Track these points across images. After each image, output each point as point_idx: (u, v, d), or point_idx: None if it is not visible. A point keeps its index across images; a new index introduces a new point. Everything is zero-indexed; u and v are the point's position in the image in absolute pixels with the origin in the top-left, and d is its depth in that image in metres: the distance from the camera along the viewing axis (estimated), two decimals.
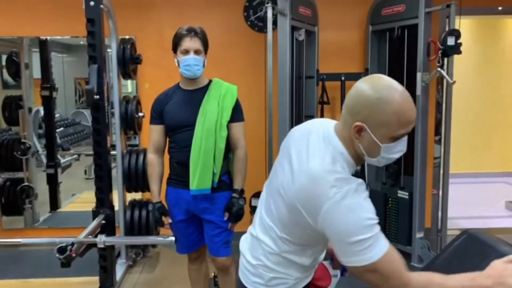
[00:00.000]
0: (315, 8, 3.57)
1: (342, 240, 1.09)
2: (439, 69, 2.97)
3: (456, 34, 2.92)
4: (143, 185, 3.30)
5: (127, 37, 3.47)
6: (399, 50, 3.44)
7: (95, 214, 2.79)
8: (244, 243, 1.39)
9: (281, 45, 3.12)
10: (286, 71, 3.16)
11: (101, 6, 2.68)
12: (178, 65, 2.23)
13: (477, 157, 6.55)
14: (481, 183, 6.32)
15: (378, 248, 1.08)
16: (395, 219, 3.51)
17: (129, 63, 3.23)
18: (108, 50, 3.24)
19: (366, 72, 3.68)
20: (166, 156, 2.39)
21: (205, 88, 2.28)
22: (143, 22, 3.81)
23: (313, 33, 3.58)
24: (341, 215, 1.08)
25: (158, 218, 2.30)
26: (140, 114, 3.35)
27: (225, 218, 2.25)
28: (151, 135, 2.35)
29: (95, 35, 2.65)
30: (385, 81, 1.14)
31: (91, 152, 5.40)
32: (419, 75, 3.17)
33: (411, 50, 3.32)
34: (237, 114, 2.27)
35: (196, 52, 2.19)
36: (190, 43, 2.18)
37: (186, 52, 2.19)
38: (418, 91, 3.19)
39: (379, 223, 1.10)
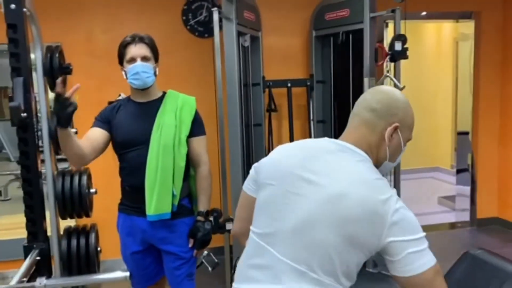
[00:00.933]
0: (258, 12, 3.44)
1: (409, 243, 1.06)
2: (387, 74, 2.98)
3: (403, 39, 2.95)
4: (80, 210, 2.94)
5: (52, 44, 3.08)
6: (344, 55, 3.42)
7: (27, 250, 2.39)
8: None
9: (228, 51, 2.95)
10: (235, 79, 3.00)
11: (24, 9, 2.32)
12: (126, 77, 1.97)
13: (404, 155, 6.86)
14: (410, 179, 6.61)
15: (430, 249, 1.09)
16: None
17: (57, 73, 2.85)
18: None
19: (311, 78, 3.62)
20: (117, 179, 2.11)
21: (159, 100, 2.04)
22: (69, 27, 3.42)
23: (257, 38, 3.45)
24: (406, 217, 1.07)
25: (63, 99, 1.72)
26: (72, 130, 2.97)
27: (190, 245, 2.02)
28: (88, 134, 2.00)
29: (18, 43, 2.28)
30: (396, 89, 1.29)
31: (7, 172, 4.76)
32: (366, 80, 3.16)
33: (356, 55, 3.31)
34: (197, 127, 2.06)
35: (144, 58, 1.95)
36: (136, 49, 1.95)
37: (132, 60, 1.95)
38: None
39: None
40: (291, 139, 3.59)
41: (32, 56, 2.47)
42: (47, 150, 2.96)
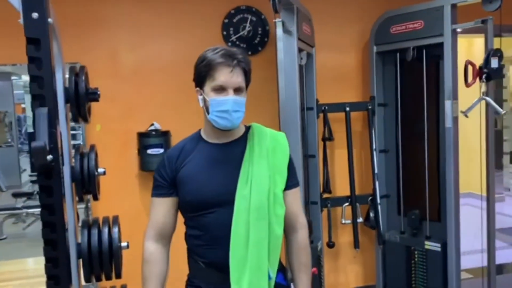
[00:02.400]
0: (313, 24, 2.95)
1: None
2: (485, 96, 2.49)
3: (499, 54, 2.46)
4: (109, 270, 2.35)
5: (69, 64, 2.54)
6: (414, 73, 2.93)
7: None
8: None
9: (287, 71, 2.44)
10: (296, 103, 2.50)
11: (49, 20, 1.78)
12: (205, 107, 1.43)
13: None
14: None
15: None
16: (423, 276, 2.92)
17: (83, 100, 2.30)
18: None
19: (372, 101, 3.11)
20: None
21: (243, 139, 1.49)
22: (89, 44, 2.89)
23: (311, 55, 2.94)
24: None
25: None
26: (100, 170, 2.41)
27: None
28: (154, 213, 1.52)
29: (42, 63, 1.73)
30: None
31: (5, 212, 4.17)
32: (448, 103, 2.67)
33: (431, 73, 2.84)
34: (292, 176, 1.51)
35: (237, 90, 1.40)
36: (230, 76, 1.38)
37: (222, 90, 1.40)
38: (448, 123, 2.68)
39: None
40: (350, 171, 3.07)
41: None
42: (69, 197, 2.39)
